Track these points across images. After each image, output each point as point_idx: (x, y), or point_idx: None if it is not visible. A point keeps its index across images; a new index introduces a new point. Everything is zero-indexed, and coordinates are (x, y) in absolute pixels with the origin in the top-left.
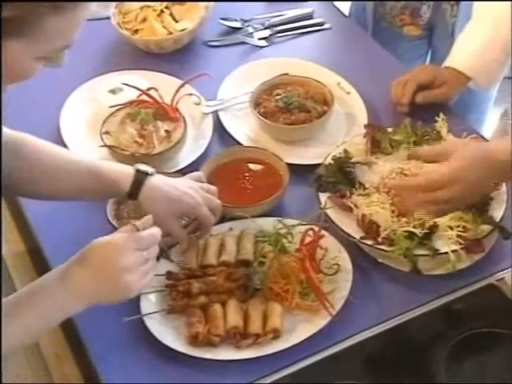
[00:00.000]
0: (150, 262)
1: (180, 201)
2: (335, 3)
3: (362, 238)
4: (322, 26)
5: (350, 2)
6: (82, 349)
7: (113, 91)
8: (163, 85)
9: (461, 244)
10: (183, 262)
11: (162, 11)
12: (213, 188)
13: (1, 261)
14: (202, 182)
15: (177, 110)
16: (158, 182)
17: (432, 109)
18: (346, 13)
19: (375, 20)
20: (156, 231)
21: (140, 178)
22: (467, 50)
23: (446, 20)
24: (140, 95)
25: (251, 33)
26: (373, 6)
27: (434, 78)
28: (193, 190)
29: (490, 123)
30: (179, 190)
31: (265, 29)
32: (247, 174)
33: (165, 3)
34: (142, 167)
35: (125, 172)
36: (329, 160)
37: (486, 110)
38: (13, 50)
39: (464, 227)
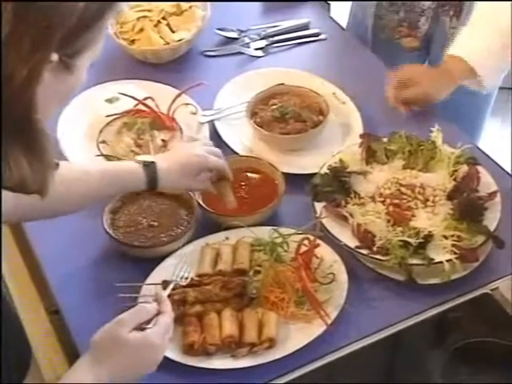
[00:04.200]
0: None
1: (188, 163)
2: (331, 14)
3: (357, 247)
4: (317, 36)
5: (347, 15)
6: (76, 357)
7: (109, 100)
8: (160, 94)
9: (455, 253)
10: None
11: (159, 22)
12: (216, 149)
13: (0, 264)
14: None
15: (173, 119)
16: (163, 163)
17: (427, 119)
18: (343, 24)
19: (374, 33)
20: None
21: (150, 170)
22: (479, 47)
23: (445, 32)
24: (137, 105)
25: (248, 43)
26: (372, 19)
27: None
28: (195, 148)
29: (486, 133)
30: (184, 155)
31: (261, 39)
32: (243, 183)
33: (162, 14)
34: (146, 159)
35: (133, 171)
36: (324, 169)
37: (483, 120)
38: (85, 62)
39: (459, 237)
